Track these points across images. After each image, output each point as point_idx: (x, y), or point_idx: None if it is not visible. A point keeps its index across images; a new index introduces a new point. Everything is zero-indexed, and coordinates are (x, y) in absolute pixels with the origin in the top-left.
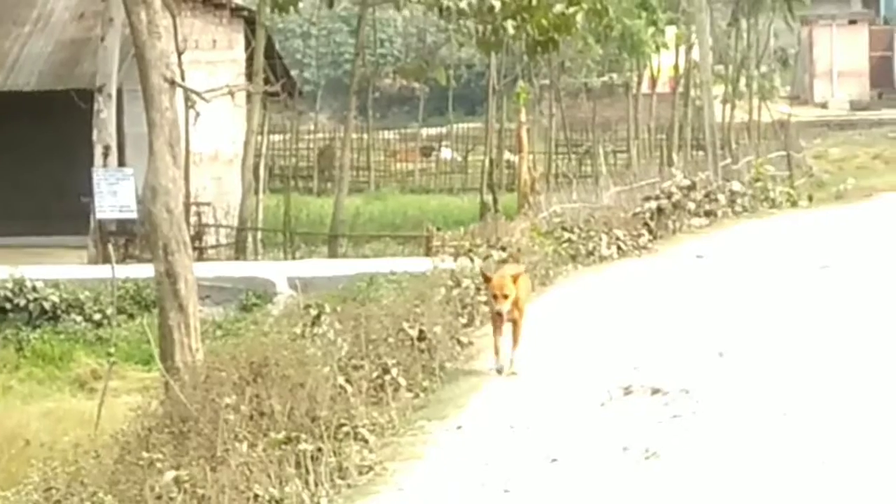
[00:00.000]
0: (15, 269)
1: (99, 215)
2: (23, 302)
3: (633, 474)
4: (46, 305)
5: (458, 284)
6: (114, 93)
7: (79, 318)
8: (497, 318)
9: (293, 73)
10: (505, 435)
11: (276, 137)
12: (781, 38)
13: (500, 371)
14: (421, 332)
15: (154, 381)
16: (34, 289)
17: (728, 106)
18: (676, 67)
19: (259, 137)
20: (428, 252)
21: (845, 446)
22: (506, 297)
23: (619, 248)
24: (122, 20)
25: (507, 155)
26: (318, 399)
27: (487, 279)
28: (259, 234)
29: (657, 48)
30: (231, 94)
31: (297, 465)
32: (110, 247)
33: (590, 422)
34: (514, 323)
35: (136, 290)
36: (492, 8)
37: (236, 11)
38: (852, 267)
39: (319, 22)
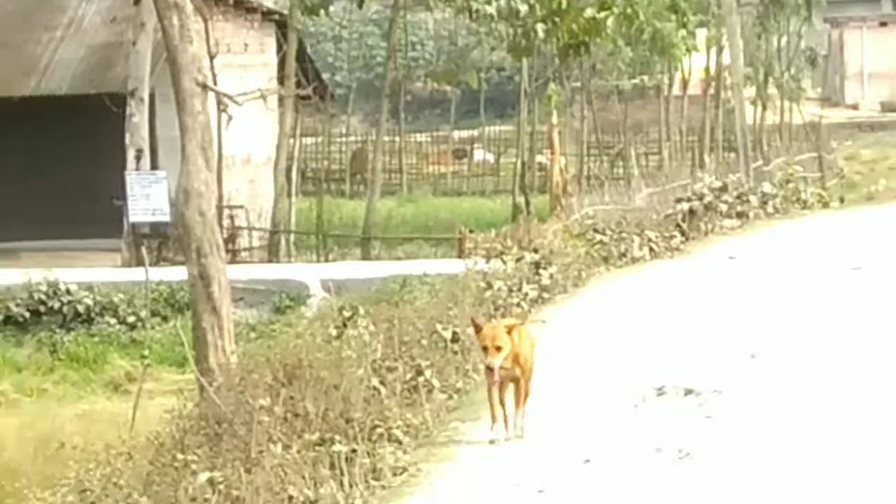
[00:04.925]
0: (49, 273)
1: (132, 218)
2: (57, 305)
3: (667, 475)
4: (80, 308)
5: (490, 286)
6: (146, 97)
7: (113, 321)
8: (489, 373)
9: (325, 76)
10: (538, 435)
11: (309, 140)
12: (810, 39)
13: (493, 442)
14: (454, 333)
15: (188, 383)
16: (68, 292)
17: (759, 108)
18: (707, 70)
19: (291, 140)
20: (460, 254)
21: (879, 447)
22: (498, 349)
23: (651, 249)
24: (154, 24)
25: (539, 157)
26: (352, 401)
27: (478, 328)
28: (292, 237)
29: (688, 51)
30: (263, 97)
31: (332, 466)
32: (143, 250)
33: (623, 423)
34: (517, 383)
35: (170, 293)
36: (518, 12)
37: (268, 15)
38: (884, 268)
39: (351, 25)
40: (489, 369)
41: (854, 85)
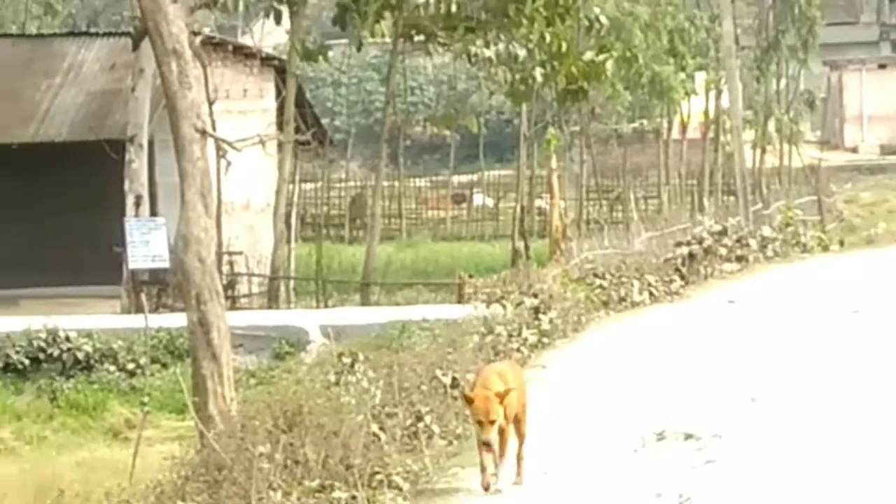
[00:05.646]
0: (48, 320)
1: (131, 265)
2: (56, 352)
3: None
4: (80, 355)
5: (491, 331)
6: (145, 143)
7: (112, 368)
8: (484, 447)
9: (324, 121)
10: (539, 481)
11: (308, 186)
12: (809, 82)
13: (486, 488)
14: (454, 379)
15: (188, 430)
16: (68, 339)
17: (758, 151)
18: (706, 113)
19: (290, 186)
20: (460, 299)
21: (879, 491)
22: (492, 422)
23: (650, 293)
24: (153, 70)
25: (538, 202)
26: (352, 447)
27: (469, 401)
28: (291, 283)
29: (687, 94)
30: (262, 143)
31: None
32: (143, 296)
33: (623, 467)
34: (502, 431)
35: (170, 340)
36: (517, 57)
37: (266, 61)
38: (883, 311)
39: (349, 70)
40: (485, 444)
41: (853, 128)
